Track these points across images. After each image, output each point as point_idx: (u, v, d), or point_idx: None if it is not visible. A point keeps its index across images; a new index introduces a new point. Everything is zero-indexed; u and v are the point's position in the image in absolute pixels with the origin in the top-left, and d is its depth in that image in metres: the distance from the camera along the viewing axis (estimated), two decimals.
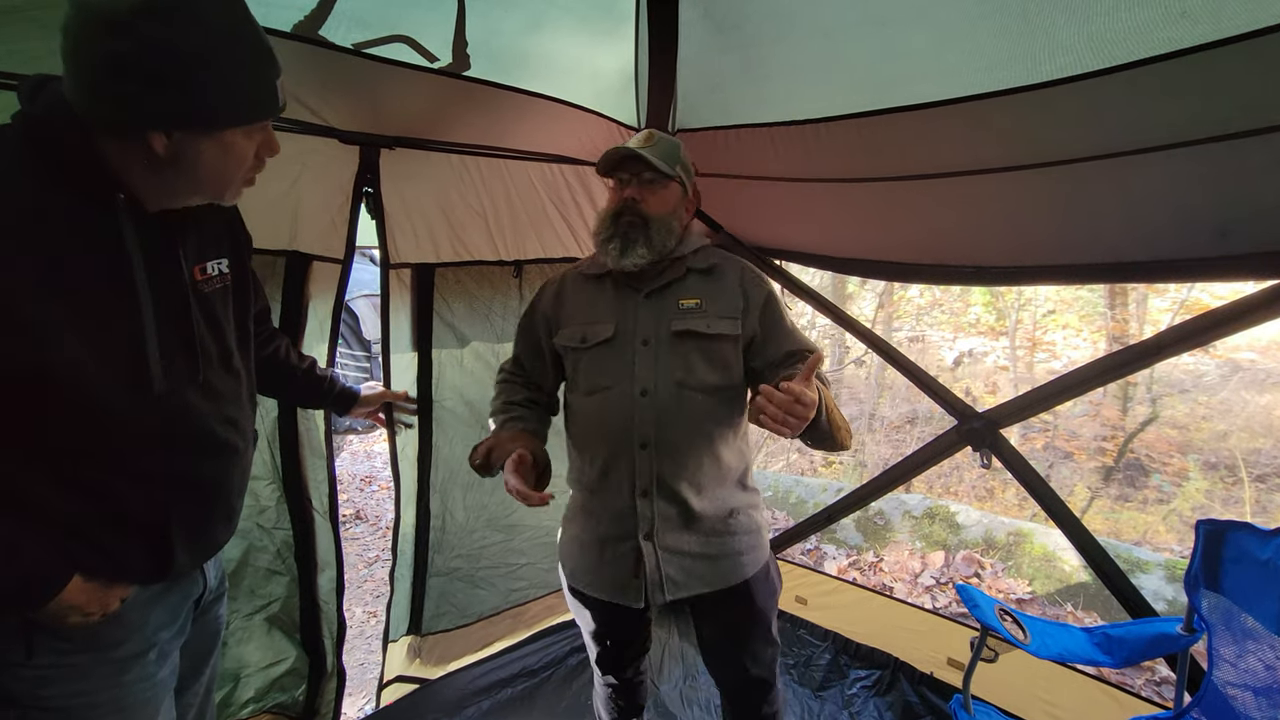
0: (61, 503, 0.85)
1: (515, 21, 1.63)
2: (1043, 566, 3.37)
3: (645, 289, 1.37)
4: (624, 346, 1.34)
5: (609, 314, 1.38)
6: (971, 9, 1.30)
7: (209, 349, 0.97)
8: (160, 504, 0.93)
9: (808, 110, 1.67)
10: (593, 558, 1.40)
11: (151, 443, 0.89)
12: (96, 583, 0.89)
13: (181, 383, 0.91)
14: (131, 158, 0.81)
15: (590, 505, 1.41)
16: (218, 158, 0.85)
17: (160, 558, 0.95)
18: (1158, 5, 1.07)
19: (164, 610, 1.01)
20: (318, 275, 1.64)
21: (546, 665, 2.37)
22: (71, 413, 0.81)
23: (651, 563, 1.33)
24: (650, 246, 1.33)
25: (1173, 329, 1.64)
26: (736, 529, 1.39)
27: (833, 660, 2.37)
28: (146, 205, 0.86)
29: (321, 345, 1.70)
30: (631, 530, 1.33)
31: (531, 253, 2.08)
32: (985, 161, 1.54)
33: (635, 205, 1.33)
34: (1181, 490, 4.57)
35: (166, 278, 0.89)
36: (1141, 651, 1.52)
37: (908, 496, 4.17)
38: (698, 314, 1.34)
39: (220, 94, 0.80)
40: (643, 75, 1.91)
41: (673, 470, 1.31)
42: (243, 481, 1.10)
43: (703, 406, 1.31)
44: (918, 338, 6.95)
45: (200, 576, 1.08)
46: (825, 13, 1.47)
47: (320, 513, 1.79)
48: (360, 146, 1.62)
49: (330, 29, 1.39)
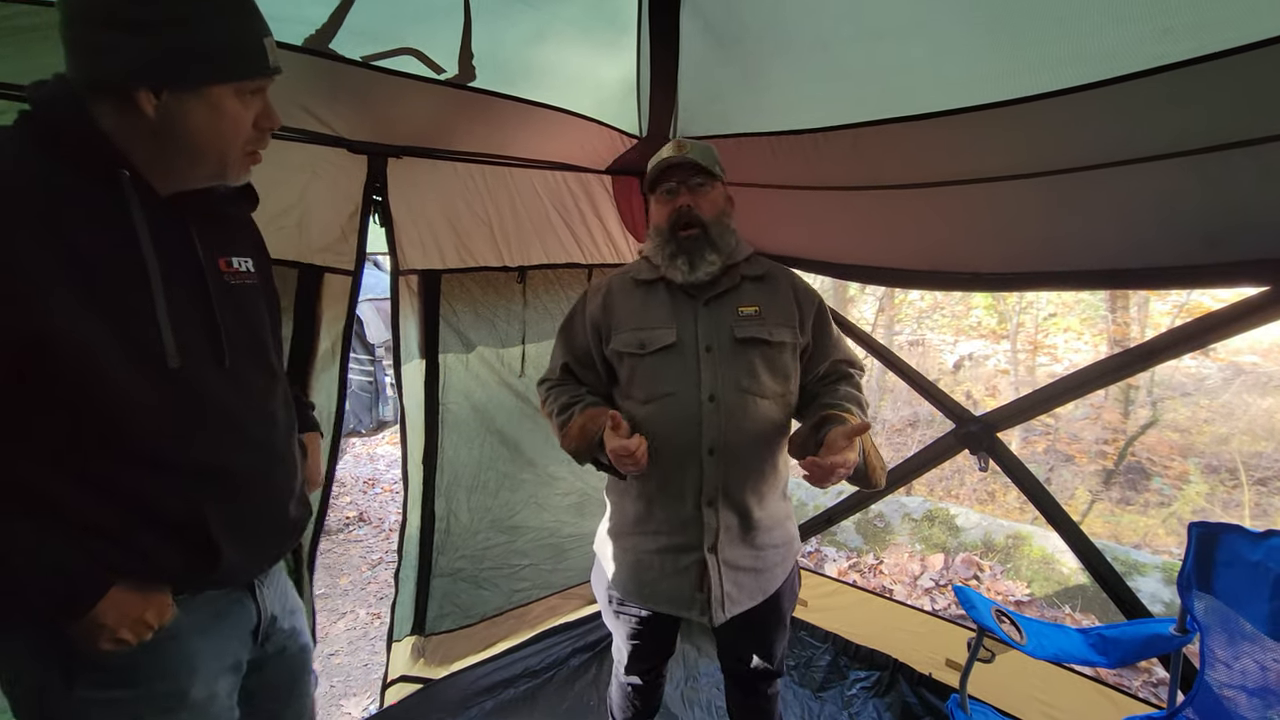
0: (84, 499, 0.82)
1: (520, 33, 1.66)
2: (1041, 569, 3.39)
3: (704, 296, 1.37)
4: (686, 353, 1.33)
5: (667, 320, 1.36)
6: (966, 25, 1.33)
7: (235, 336, 0.93)
8: (186, 496, 0.87)
9: (807, 120, 1.70)
10: (651, 571, 1.39)
11: (164, 424, 0.84)
12: (134, 591, 0.84)
13: (202, 363, 0.88)
14: (130, 129, 0.81)
15: (648, 516, 1.39)
16: (208, 120, 0.83)
17: (202, 555, 0.89)
18: (1143, 23, 1.10)
19: (211, 642, 0.95)
20: (329, 287, 1.67)
21: (549, 666, 2.39)
22: (85, 391, 0.78)
23: (715, 578, 1.33)
24: (718, 251, 1.34)
25: (1171, 331, 1.66)
26: (778, 541, 1.42)
27: (832, 661, 2.39)
28: (156, 186, 0.86)
29: (334, 359, 1.73)
30: (696, 542, 1.33)
31: (535, 259, 2.12)
32: (981, 171, 1.57)
33: (690, 211, 1.33)
34: (1182, 493, 4.58)
35: (179, 257, 0.88)
36: (1136, 652, 1.54)
37: (908, 499, 4.18)
38: (757, 321, 1.35)
39: (200, 43, 0.79)
40: (644, 85, 1.94)
41: (738, 478, 1.32)
42: (292, 487, 1.03)
43: (766, 413, 1.33)
44: (918, 341, 6.96)
45: (253, 605, 1.02)
46: (824, 26, 1.50)
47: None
48: (368, 156, 1.66)
49: (340, 43, 1.42)
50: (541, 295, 2.17)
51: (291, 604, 1.12)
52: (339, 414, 1.74)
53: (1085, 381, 1.83)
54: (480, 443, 2.11)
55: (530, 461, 2.23)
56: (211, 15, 0.80)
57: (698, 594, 1.35)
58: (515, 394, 2.16)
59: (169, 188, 0.88)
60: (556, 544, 2.36)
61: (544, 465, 2.27)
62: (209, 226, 0.94)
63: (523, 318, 2.12)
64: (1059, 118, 1.31)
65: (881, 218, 1.92)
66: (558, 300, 2.21)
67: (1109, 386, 3.70)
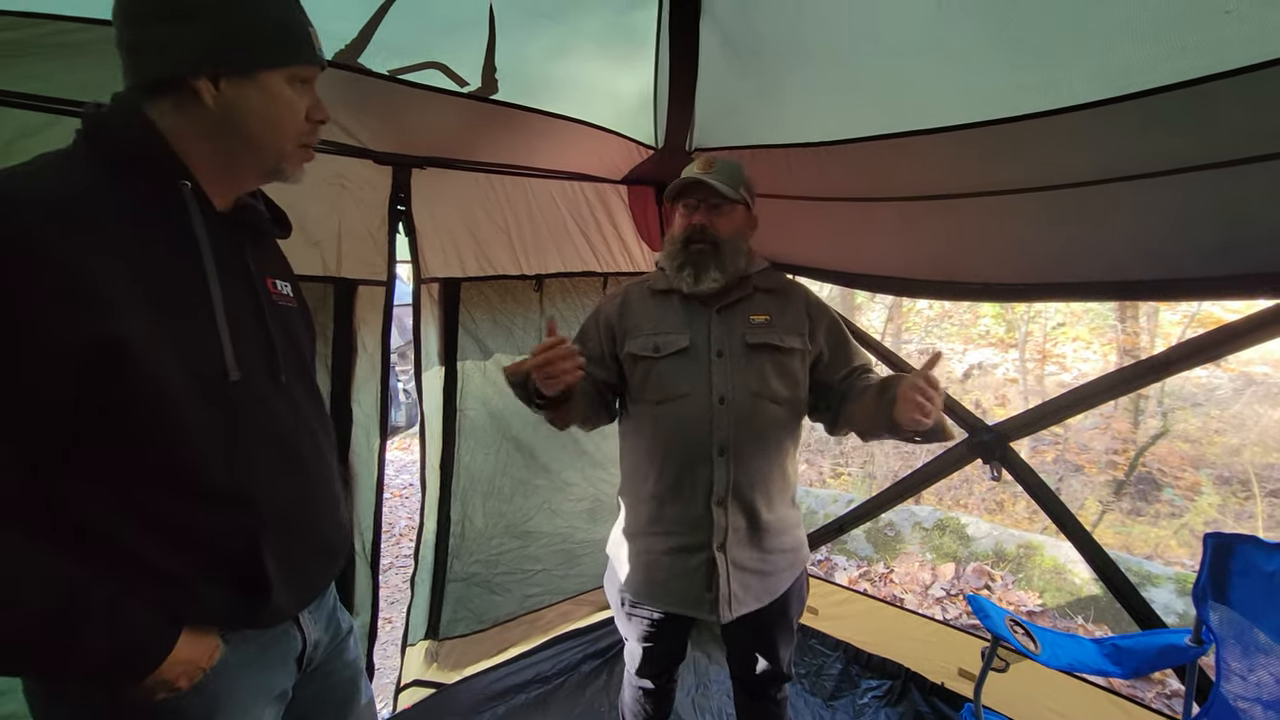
0: (145, 540, 0.78)
1: (541, 47, 1.69)
2: (1053, 579, 3.38)
3: (716, 304, 1.42)
4: (699, 357, 1.38)
5: (680, 326, 1.41)
6: (984, 42, 1.35)
7: (286, 355, 0.93)
8: (245, 529, 0.85)
9: (822, 133, 1.72)
10: (662, 571, 1.42)
11: (218, 443, 0.82)
12: (192, 637, 0.81)
13: (259, 377, 0.87)
14: (189, 127, 0.82)
15: (660, 516, 1.42)
16: (264, 107, 0.85)
17: (254, 593, 0.86)
18: (1160, 42, 1.12)
19: (257, 676, 0.91)
20: (364, 299, 1.71)
21: (560, 672, 2.40)
22: (148, 409, 0.76)
23: (723, 577, 1.37)
24: (723, 270, 1.38)
25: (1184, 344, 1.67)
26: (786, 546, 1.46)
27: (844, 670, 2.39)
28: (213, 198, 0.87)
29: (375, 370, 1.76)
30: (705, 541, 1.37)
31: (552, 267, 2.14)
32: (994, 184, 1.59)
33: (705, 230, 1.38)
34: (1194, 504, 4.55)
35: (236, 272, 0.88)
36: (1150, 662, 1.54)
37: (918, 508, 4.18)
38: (768, 328, 1.41)
39: (255, 27, 0.82)
40: (661, 97, 1.97)
41: (747, 479, 1.36)
42: (334, 512, 1.01)
43: (775, 417, 1.37)
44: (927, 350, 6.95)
45: (297, 632, 0.98)
46: (841, 43, 1.52)
47: (361, 555, 1.82)
48: (393, 166, 1.69)
49: (368, 57, 1.46)
50: (558, 303, 2.20)
51: (337, 626, 1.09)
52: (383, 422, 1.79)
53: (1100, 391, 1.84)
54: (496, 448, 2.13)
55: (544, 467, 2.26)
56: (261, 3, 0.83)
57: (706, 593, 1.38)
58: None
59: (227, 195, 0.90)
60: (569, 549, 2.38)
61: (558, 471, 2.29)
62: (257, 246, 0.95)
63: (539, 325, 2.15)
64: (1076, 131, 1.33)
65: (894, 229, 1.94)
66: (573, 308, 2.24)
67: (1119, 397, 3.69)
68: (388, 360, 1.78)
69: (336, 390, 1.70)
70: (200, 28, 0.79)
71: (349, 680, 1.11)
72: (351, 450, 1.75)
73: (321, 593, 1.04)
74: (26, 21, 1.14)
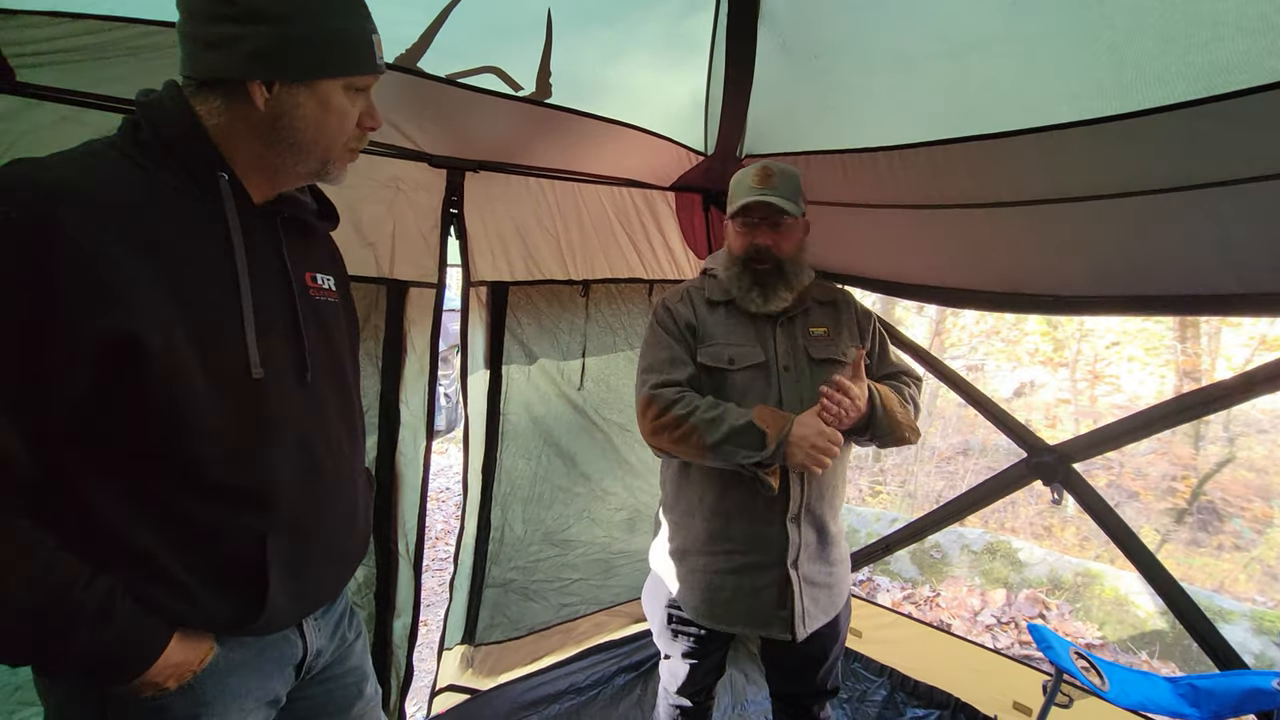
0: (149, 539, 0.77)
1: (596, 51, 1.70)
2: (1114, 611, 3.20)
3: (779, 318, 1.42)
4: (771, 371, 1.38)
5: (750, 339, 1.40)
6: (1057, 41, 1.29)
7: (316, 354, 0.91)
8: (254, 532, 0.83)
9: (881, 138, 1.67)
10: (724, 591, 1.39)
11: (236, 439, 0.81)
12: (184, 640, 0.81)
13: (284, 376, 0.85)
14: (236, 125, 0.81)
15: (724, 534, 1.38)
16: (317, 113, 0.83)
17: (252, 598, 0.84)
18: (1262, 35, 1.04)
19: (248, 680, 0.90)
20: (414, 301, 1.73)
21: (594, 684, 2.36)
22: (167, 400, 0.75)
23: (797, 593, 1.35)
24: (791, 288, 1.39)
25: (1269, 365, 1.57)
26: (843, 557, 1.47)
27: (888, 697, 2.30)
28: (252, 192, 0.86)
29: (423, 371, 1.78)
30: (779, 558, 1.35)
31: (599, 272, 2.14)
32: (1065, 190, 1.52)
33: (768, 252, 1.37)
34: (1265, 537, 4.28)
35: (269, 265, 0.87)
36: (1233, 706, 1.44)
37: (965, 530, 4.03)
38: (828, 342, 1.42)
39: (317, 36, 0.80)
40: (714, 102, 1.95)
41: (818, 494, 1.37)
42: (352, 521, 0.98)
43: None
44: (976, 367, 6.75)
45: (298, 639, 0.96)
46: (907, 43, 1.48)
47: (405, 556, 1.82)
48: (448, 170, 1.71)
49: (428, 61, 1.48)
50: (603, 309, 2.19)
51: (344, 635, 1.07)
52: (429, 423, 1.80)
53: (1171, 413, 1.74)
54: (538, 455, 2.12)
55: (585, 475, 2.24)
56: (326, 9, 0.81)
57: (780, 611, 1.36)
58: (573, 407, 2.17)
59: (267, 190, 0.88)
60: (606, 560, 2.35)
61: (598, 479, 2.27)
62: (298, 240, 0.93)
63: (584, 331, 2.14)
64: (1160, 135, 1.26)
65: (953, 237, 1.87)
66: (619, 315, 2.23)
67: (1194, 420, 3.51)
68: (435, 362, 1.79)
69: (386, 391, 1.72)
70: (265, 32, 0.77)
71: (351, 685, 1.09)
72: (398, 451, 1.76)
73: (330, 601, 1.01)
74: (108, 25, 1.17)
